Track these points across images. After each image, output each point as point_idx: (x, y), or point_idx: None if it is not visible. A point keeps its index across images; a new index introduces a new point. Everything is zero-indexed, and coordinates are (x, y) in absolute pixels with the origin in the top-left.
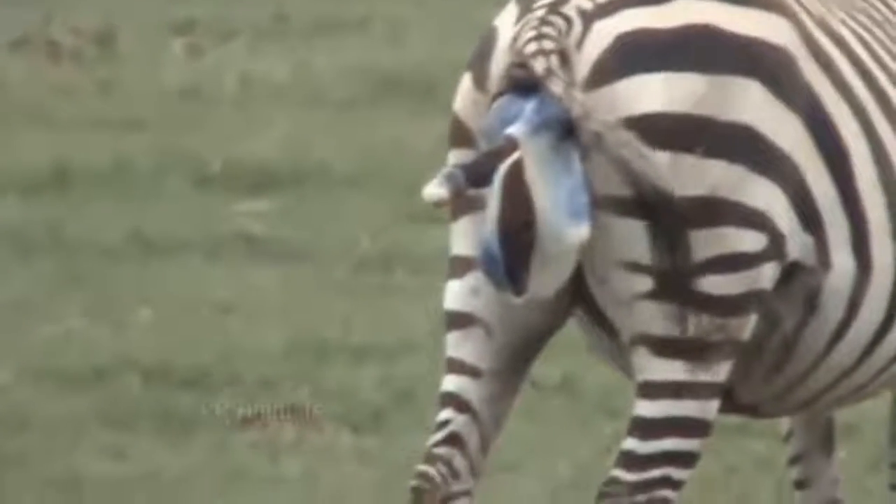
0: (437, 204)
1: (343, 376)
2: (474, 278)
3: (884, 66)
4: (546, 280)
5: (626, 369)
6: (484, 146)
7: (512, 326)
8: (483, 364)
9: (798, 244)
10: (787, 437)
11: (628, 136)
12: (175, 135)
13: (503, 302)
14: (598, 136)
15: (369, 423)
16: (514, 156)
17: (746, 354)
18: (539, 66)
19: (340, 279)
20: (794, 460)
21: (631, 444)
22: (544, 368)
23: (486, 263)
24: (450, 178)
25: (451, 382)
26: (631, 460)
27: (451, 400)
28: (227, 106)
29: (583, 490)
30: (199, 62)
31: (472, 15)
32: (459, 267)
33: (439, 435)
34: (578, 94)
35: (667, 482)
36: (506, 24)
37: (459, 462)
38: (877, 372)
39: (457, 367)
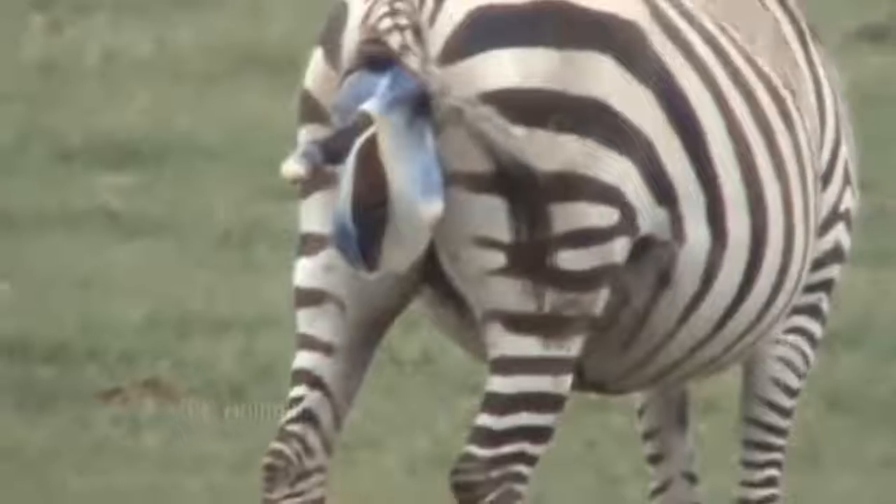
0: (295, 180)
1: (203, 350)
2: (327, 255)
3: (732, 40)
4: (399, 256)
5: (472, 346)
6: (337, 122)
7: (364, 302)
8: (336, 340)
9: (650, 218)
10: (640, 411)
11: (488, 111)
12: (36, 109)
13: (356, 278)
14: (457, 111)
15: (229, 397)
16: (369, 132)
17: (597, 329)
18: (394, 41)
19: (201, 254)
20: (648, 435)
21: (485, 419)
22: (403, 344)
23: (340, 239)
24: (307, 155)
25: (303, 359)
26: (485, 436)
27: (304, 377)
28: (89, 80)
29: (442, 465)
30: (59, 37)
31: None
32: (311, 244)
33: (292, 412)
34: (435, 70)
35: (521, 457)
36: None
37: (313, 438)
38: (728, 346)
39: (309, 343)
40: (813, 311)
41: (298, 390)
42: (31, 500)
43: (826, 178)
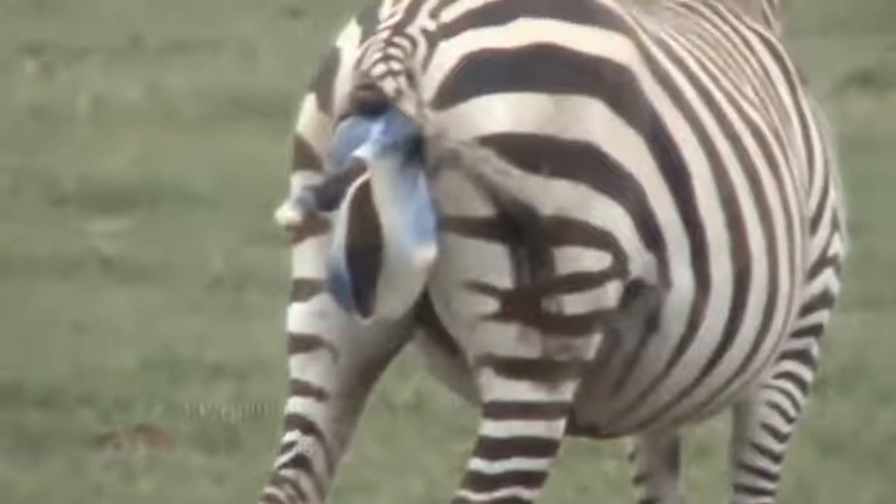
0: (289, 227)
1: (196, 396)
2: (320, 301)
3: (718, 85)
4: (393, 301)
5: (465, 390)
6: (331, 169)
7: (358, 347)
8: (329, 386)
9: (640, 263)
10: (632, 456)
11: (486, 153)
12: (28, 154)
13: (349, 324)
14: (455, 154)
15: (222, 443)
16: (363, 177)
17: (588, 374)
18: (388, 86)
19: (194, 299)
20: (639, 479)
21: (478, 464)
22: (396, 388)
23: (334, 285)
24: (301, 201)
25: (296, 404)
26: (478, 481)
27: (297, 422)
28: (81, 125)
29: None
30: (51, 82)
31: (323, 37)
32: (304, 289)
33: (285, 457)
34: (431, 113)
35: (515, 502)
36: (349, 45)
37: (306, 483)
38: (716, 391)
39: (302, 389)
40: (802, 357)
41: (291, 435)
42: None
43: (814, 224)
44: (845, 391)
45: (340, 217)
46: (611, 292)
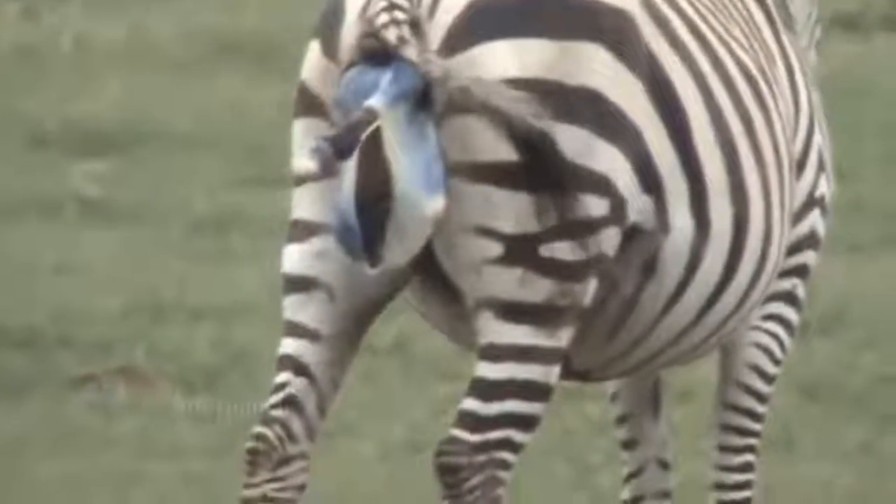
0: (306, 177)
1: (178, 338)
2: (319, 242)
3: (711, 27)
4: (401, 250)
5: (459, 337)
6: (338, 117)
7: (354, 291)
8: (323, 328)
9: (638, 208)
10: (613, 397)
11: (496, 84)
12: (10, 96)
13: (347, 266)
14: (464, 90)
15: (203, 384)
16: (372, 127)
17: (584, 319)
18: (391, 35)
19: (176, 241)
20: (621, 420)
21: (472, 404)
22: (378, 331)
23: (342, 234)
24: (318, 151)
25: (289, 346)
26: (472, 421)
27: (290, 363)
28: (63, 67)
29: (417, 451)
30: (34, 24)
31: None
32: (302, 231)
33: (277, 397)
34: (435, 57)
35: (507, 444)
36: None
37: (296, 425)
38: (711, 331)
39: (296, 330)
40: (788, 298)
41: (283, 376)
42: (3, 487)
43: (800, 165)
44: (828, 336)
45: (348, 166)
46: (609, 238)
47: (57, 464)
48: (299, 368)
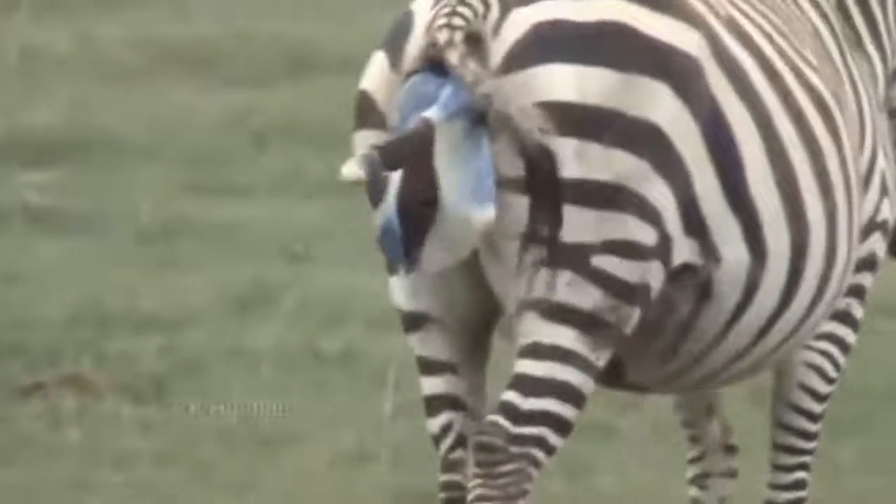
0: (355, 184)
1: (125, 346)
2: (410, 278)
3: (784, 56)
4: (441, 258)
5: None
6: (395, 122)
7: (459, 317)
8: (455, 358)
9: (683, 247)
10: (676, 407)
11: (536, 119)
12: None
13: (445, 297)
14: (506, 118)
15: (151, 393)
16: (427, 137)
17: (643, 335)
18: (450, 54)
19: (123, 250)
20: (685, 425)
21: (512, 396)
22: (326, 339)
23: (385, 237)
24: (367, 159)
25: (435, 384)
26: (511, 411)
27: (444, 401)
28: (10, 77)
29: (366, 461)
30: None
31: None
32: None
33: (448, 440)
34: (487, 79)
35: (541, 443)
36: (423, 7)
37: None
38: (768, 353)
39: (434, 366)
40: (844, 318)
41: (444, 417)
42: None
43: (864, 186)
44: None
45: (397, 172)
46: (655, 270)
47: (5, 473)
48: (455, 403)
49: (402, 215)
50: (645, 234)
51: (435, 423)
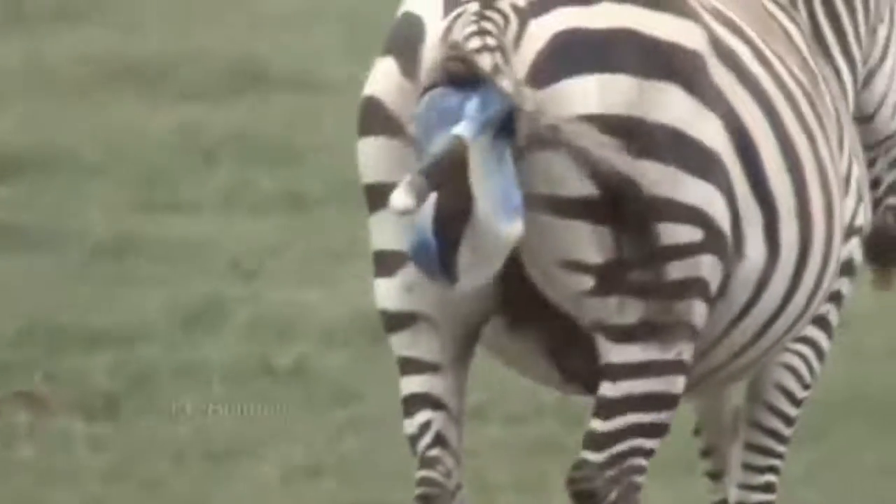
0: (405, 212)
1: (77, 362)
2: (407, 273)
3: (773, 50)
4: (476, 272)
5: (535, 374)
6: (420, 137)
7: (453, 318)
8: (440, 359)
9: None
10: (697, 431)
11: (586, 127)
12: None
13: (441, 296)
14: (554, 129)
15: (102, 410)
16: (461, 155)
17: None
18: (485, 62)
19: (75, 266)
20: (705, 454)
21: (594, 424)
22: (278, 352)
23: (420, 252)
24: (415, 185)
25: (415, 383)
26: (596, 440)
27: (424, 400)
28: None
29: (317, 475)
30: None
31: (205, 4)
32: (388, 263)
33: (427, 438)
34: (528, 90)
35: (638, 451)
36: (431, 12)
37: (449, 460)
38: (765, 350)
39: (416, 366)
40: (822, 323)
41: (423, 415)
42: None
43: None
44: None
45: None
46: (705, 263)
47: None
48: (435, 403)
49: (438, 231)
50: (684, 235)
51: (413, 423)
